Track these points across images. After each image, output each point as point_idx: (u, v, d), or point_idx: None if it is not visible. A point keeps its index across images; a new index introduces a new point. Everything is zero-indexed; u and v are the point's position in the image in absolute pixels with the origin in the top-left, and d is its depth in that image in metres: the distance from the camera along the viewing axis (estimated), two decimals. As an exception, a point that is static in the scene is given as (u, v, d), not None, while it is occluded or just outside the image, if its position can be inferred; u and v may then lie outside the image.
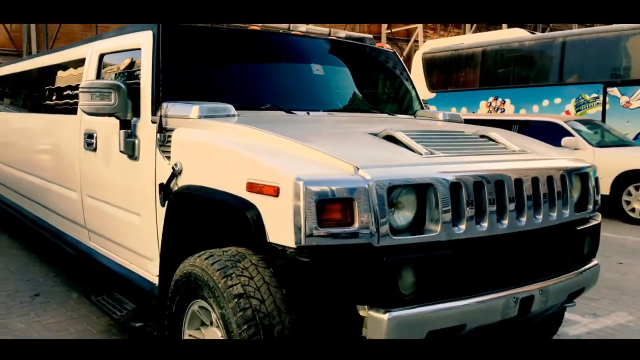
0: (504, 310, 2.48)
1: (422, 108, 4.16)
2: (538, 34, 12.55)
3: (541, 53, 12.22)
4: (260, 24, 3.70)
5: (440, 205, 2.31)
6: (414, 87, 4.23)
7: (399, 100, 4.20)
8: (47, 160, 4.73)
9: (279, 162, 2.33)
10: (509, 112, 12.33)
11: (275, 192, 2.22)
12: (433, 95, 14.20)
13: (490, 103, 12.80)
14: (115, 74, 3.63)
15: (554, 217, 2.68)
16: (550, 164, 2.80)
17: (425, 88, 14.17)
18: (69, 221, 4.32)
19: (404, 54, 19.78)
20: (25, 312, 4.11)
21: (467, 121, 3.85)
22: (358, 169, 2.24)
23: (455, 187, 2.36)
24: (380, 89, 4.23)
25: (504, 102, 12.50)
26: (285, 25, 3.87)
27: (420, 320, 2.29)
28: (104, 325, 3.89)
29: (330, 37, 3.98)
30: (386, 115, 3.73)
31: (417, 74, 14.54)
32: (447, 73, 14.30)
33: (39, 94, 5.25)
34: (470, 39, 14.53)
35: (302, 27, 3.86)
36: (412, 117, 3.89)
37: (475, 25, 19.62)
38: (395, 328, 2.22)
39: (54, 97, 4.68)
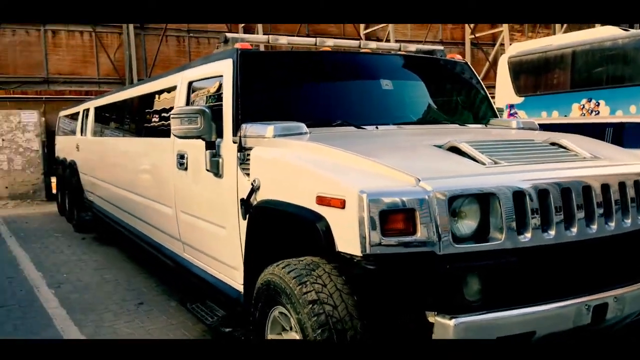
0: (576, 317, 2.47)
1: (495, 116, 4.16)
2: (632, 31, 11.78)
3: (637, 50, 11.46)
4: (332, 44, 3.91)
5: (504, 214, 2.36)
6: (487, 96, 4.24)
7: (471, 110, 4.23)
8: (147, 180, 5.19)
9: (345, 176, 2.49)
10: (604, 114, 11.64)
11: (342, 204, 2.38)
12: (521, 99, 13.69)
13: (584, 105, 12.15)
14: (202, 99, 3.97)
15: (628, 223, 2.62)
16: (623, 169, 2.74)
17: (512, 92, 13.71)
18: (166, 235, 4.72)
19: (490, 58, 19.28)
20: (131, 319, 4.54)
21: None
22: (419, 180, 2.35)
23: (519, 195, 2.40)
24: (451, 100, 4.28)
25: (598, 103, 11.82)
26: (355, 44, 4.05)
27: (488, 326, 2.34)
28: (199, 332, 4.20)
29: (399, 52, 4.10)
30: (456, 125, 3.78)
31: (503, 79, 14.10)
32: (535, 76, 13.74)
33: (138, 119, 5.78)
34: (559, 40, 13.84)
35: (372, 44, 4.02)
36: (484, 126, 3.91)
37: (565, 25, 18.75)
38: (462, 334, 2.28)
39: (150, 122, 5.15)
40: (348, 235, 2.37)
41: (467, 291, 2.33)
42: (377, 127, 3.40)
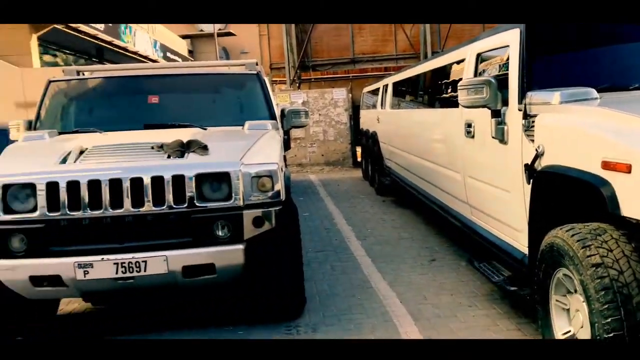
0: None
1: None
2: None
3: None
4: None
5: None
6: None
7: None
8: (436, 148, 5.63)
9: (632, 141, 2.41)
10: None
11: (628, 169, 2.35)
12: None
13: None
14: (489, 70, 4.15)
15: None
16: None
17: None
18: (454, 198, 5.09)
19: None
20: (424, 272, 5.07)
21: None
22: None
23: None
24: None
25: None
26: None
27: None
28: (487, 290, 4.47)
29: None
30: None
31: None
32: None
33: (429, 91, 6.24)
34: None
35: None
36: None
37: None
38: None
39: (440, 94, 5.53)
40: (635, 200, 2.33)
41: None
42: None
